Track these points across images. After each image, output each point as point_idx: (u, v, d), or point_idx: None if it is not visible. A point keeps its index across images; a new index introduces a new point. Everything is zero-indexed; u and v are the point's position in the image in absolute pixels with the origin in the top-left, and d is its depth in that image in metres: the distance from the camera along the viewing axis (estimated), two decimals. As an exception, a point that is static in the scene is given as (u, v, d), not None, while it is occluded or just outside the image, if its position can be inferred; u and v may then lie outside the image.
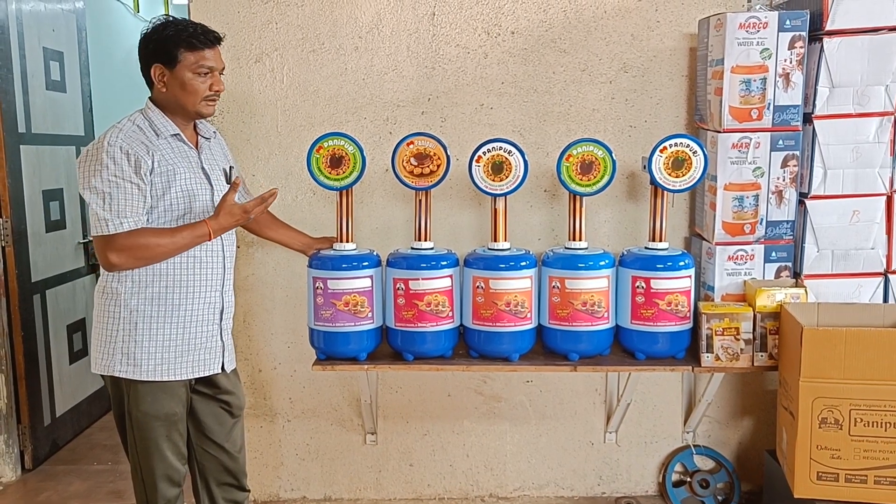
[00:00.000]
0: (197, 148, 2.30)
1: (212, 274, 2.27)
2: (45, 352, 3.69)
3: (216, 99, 2.25)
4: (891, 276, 2.58)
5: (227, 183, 2.36)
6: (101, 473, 3.53)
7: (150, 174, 2.14)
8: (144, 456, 2.25)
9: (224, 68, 2.28)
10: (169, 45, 2.19)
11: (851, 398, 2.25)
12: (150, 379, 2.19)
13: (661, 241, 2.57)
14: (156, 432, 2.22)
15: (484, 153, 2.52)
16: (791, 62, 2.49)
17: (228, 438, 2.42)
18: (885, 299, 2.59)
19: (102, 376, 2.25)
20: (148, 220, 2.16)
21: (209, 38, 2.22)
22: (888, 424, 2.24)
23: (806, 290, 2.50)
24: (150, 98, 2.26)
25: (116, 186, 2.10)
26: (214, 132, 2.43)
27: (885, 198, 2.54)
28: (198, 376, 2.29)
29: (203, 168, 2.28)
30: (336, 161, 2.50)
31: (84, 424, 4.04)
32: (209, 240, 2.21)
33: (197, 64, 2.19)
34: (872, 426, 2.25)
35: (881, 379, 2.23)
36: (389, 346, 2.59)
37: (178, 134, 2.23)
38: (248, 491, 2.52)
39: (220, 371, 2.33)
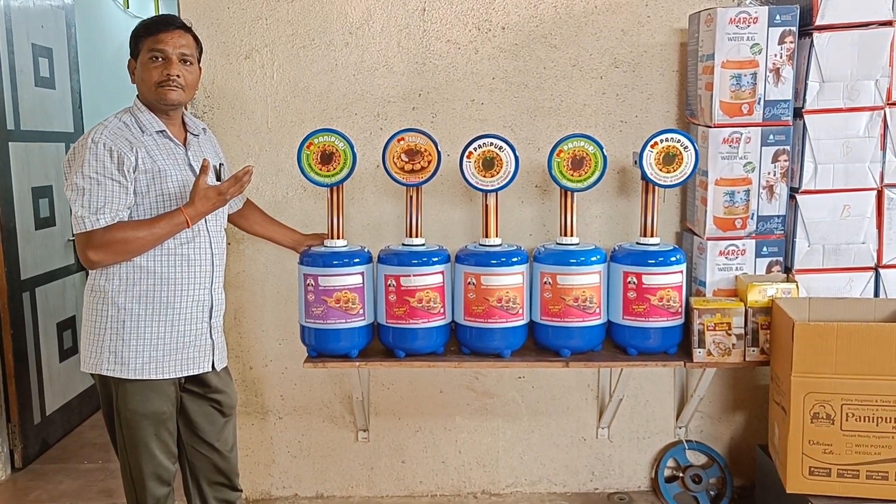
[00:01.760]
0: (185, 144, 2.29)
1: (200, 271, 2.26)
2: (34, 350, 3.67)
3: (174, 86, 2.18)
4: (881, 271, 2.59)
5: (217, 180, 2.35)
6: (92, 472, 3.52)
7: (135, 171, 2.13)
8: (133, 454, 2.23)
9: (191, 56, 2.22)
10: (135, 37, 2.22)
11: (843, 393, 2.26)
12: (137, 377, 2.18)
13: (652, 236, 2.57)
14: (144, 431, 2.21)
15: (475, 149, 2.51)
16: (781, 57, 2.49)
17: (220, 438, 2.41)
18: (876, 294, 2.59)
19: (92, 374, 2.24)
20: (135, 216, 2.15)
21: (163, 21, 2.21)
22: (880, 419, 2.24)
23: (797, 285, 2.51)
24: (137, 95, 2.25)
25: (97, 183, 2.08)
26: (204, 128, 2.42)
27: (875, 192, 2.55)
28: (186, 375, 2.27)
29: (190, 164, 2.26)
30: (326, 157, 2.49)
31: (74, 423, 4.02)
32: (188, 227, 2.17)
33: (150, 48, 2.17)
34: (864, 421, 2.25)
35: (872, 373, 2.24)
36: (381, 343, 2.58)
37: (163, 130, 2.22)
38: (240, 490, 2.50)
39: (210, 369, 2.32)
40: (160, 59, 2.17)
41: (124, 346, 2.17)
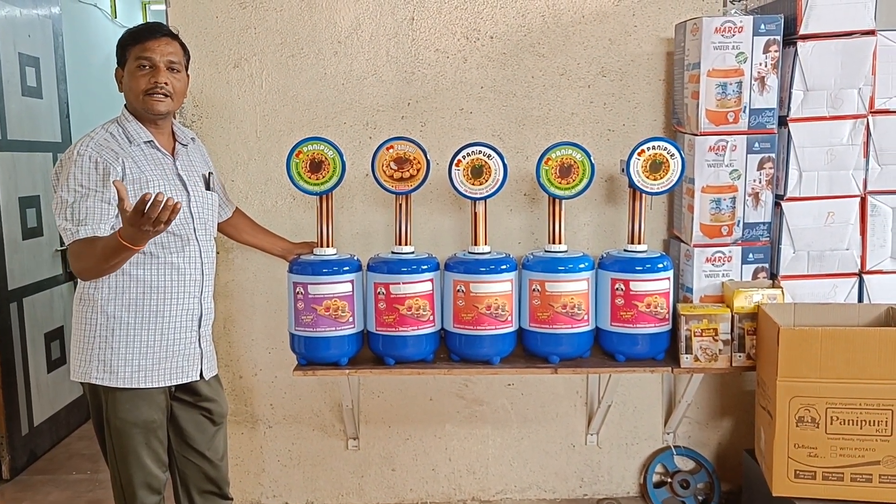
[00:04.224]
0: (173, 154, 2.29)
1: (190, 281, 2.26)
2: (22, 360, 3.65)
3: (163, 93, 2.17)
4: (865, 277, 2.62)
5: (207, 189, 2.35)
6: (80, 483, 3.50)
7: (122, 182, 2.12)
8: (123, 463, 2.23)
9: (178, 63, 2.23)
10: (121, 46, 2.22)
11: (828, 397, 2.28)
12: (126, 386, 2.17)
13: (639, 243, 2.59)
14: (135, 440, 2.21)
15: (463, 157, 2.53)
16: (766, 66, 2.52)
17: (210, 446, 2.40)
18: (860, 299, 2.62)
19: (81, 384, 2.23)
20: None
21: (150, 29, 2.21)
22: (864, 422, 2.27)
23: (783, 291, 2.53)
24: (125, 105, 2.25)
25: (82, 196, 2.08)
26: (193, 138, 2.42)
27: (858, 199, 2.58)
28: (175, 384, 2.27)
29: (179, 175, 2.26)
30: (316, 166, 2.50)
31: (62, 434, 4.00)
32: (133, 250, 1.99)
33: (137, 56, 2.17)
34: (848, 424, 2.28)
35: (856, 377, 2.26)
36: (371, 351, 2.58)
37: (151, 141, 2.22)
38: (231, 499, 2.50)
39: (198, 378, 2.32)
40: (147, 67, 2.17)
41: (113, 354, 2.16)
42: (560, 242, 2.59)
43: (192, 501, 2.42)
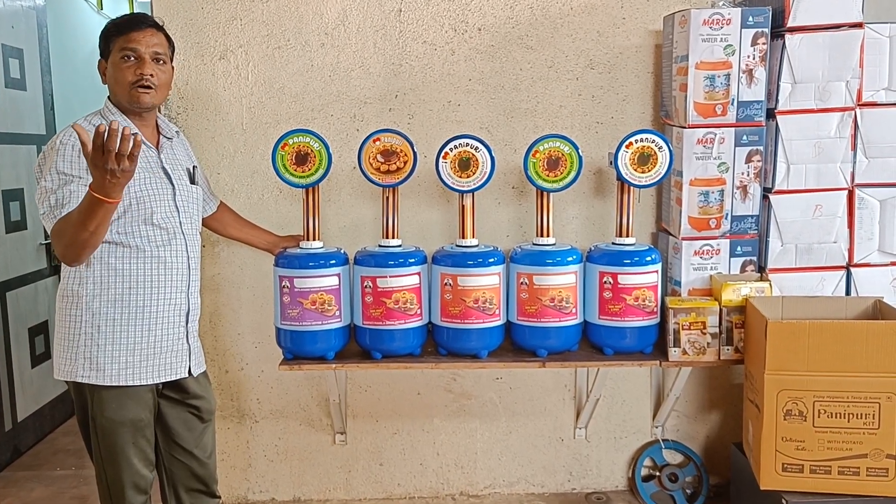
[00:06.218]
0: (157, 147, 2.26)
1: (176, 275, 2.23)
2: (5, 355, 3.62)
3: (149, 87, 2.14)
4: (853, 270, 2.62)
5: (192, 183, 2.32)
6: (65, 479, 3.47)
7: None
8: (110, 463, 2.19)
9: (164, 55, 2.19)
10: (105, 37, 2.18)
11: (815, 390, 2.28)
12: (113, 384, 2.14)
13: (628, 236, 2.58)
14: (121, 438, 2.17)
15: (451, 150, 2.51)
16: (754, 58, 2.51)
17: (198, 444, 2.37)
18: (848, 292, 2.63)
19: (66, 381, 2.20)
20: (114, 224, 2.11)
21: (134, 20, 2.18)
22: (851, 415, 2.27)
23: (770, 284, 2.53)
24: (108, 97, 2.22)
25: (64, 183, 2.04)
26: (177, 131, 2.39)
27: (846, 192, 2.58)
28: (163, 381, 2.23)
29: (163, 167, 2.23)
30: (302, 158, 2.48)
31: (47, 429, 3.97)
32: (107, 202, 1.87)
33: (122, 48, 2.13)
34: (836, 417, 2.28)
35: (844, 370, 2.26)
36: (357, 345, 2.57)
37: (135, 134, 2.18)
38: (219, 497, 2.47)
39: (186, 375, 2.29)
40: (132, 59, 2.14)
41: (99, 351, 2.13)
42: (548, 235, 2.58)
43: (180, 500, 2.39)
